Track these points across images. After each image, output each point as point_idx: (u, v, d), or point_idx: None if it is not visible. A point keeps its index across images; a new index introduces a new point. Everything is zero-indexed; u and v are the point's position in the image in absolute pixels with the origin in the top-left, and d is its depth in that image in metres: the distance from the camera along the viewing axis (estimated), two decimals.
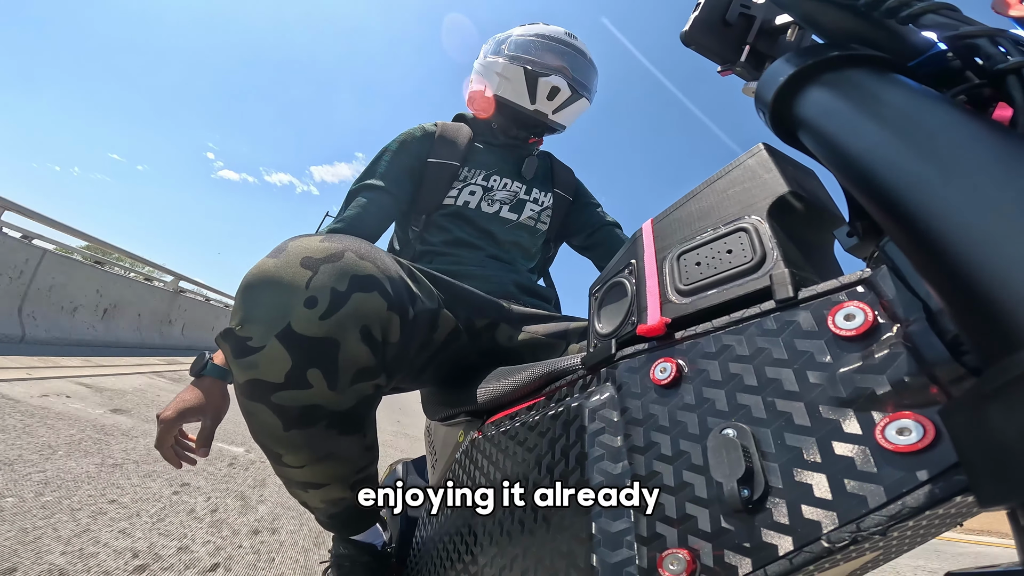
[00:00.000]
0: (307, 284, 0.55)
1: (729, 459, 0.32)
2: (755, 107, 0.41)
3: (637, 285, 0.49)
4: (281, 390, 0.57)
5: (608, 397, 0.45)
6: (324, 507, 0.78)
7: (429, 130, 1.20)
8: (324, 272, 0.56)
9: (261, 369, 0.55)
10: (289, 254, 0.57)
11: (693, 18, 0.50)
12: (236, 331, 0.56)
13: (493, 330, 0.92)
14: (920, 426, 0.26)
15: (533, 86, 1.16)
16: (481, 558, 0.55)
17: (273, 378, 0.56)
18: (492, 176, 1.18)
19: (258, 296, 0.55)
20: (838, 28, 0.38)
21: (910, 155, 0.26)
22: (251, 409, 0.60)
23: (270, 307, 0.55)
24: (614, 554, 0.37)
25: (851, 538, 0.26)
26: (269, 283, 0.55)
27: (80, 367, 3.92)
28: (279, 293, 0.55)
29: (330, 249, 0.58)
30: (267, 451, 0.66)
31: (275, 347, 0.54)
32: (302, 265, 0.56)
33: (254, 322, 0.55)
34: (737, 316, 0.39)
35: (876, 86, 0.32)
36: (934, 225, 0.24)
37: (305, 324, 0.54)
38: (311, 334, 0.55)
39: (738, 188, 0.46)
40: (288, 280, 0.55)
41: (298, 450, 0.64)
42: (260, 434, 0.63)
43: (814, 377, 0.32)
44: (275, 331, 0.54)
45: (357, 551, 0.88)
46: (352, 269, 0.57)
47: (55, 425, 2.12)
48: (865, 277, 0.33)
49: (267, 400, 0.58)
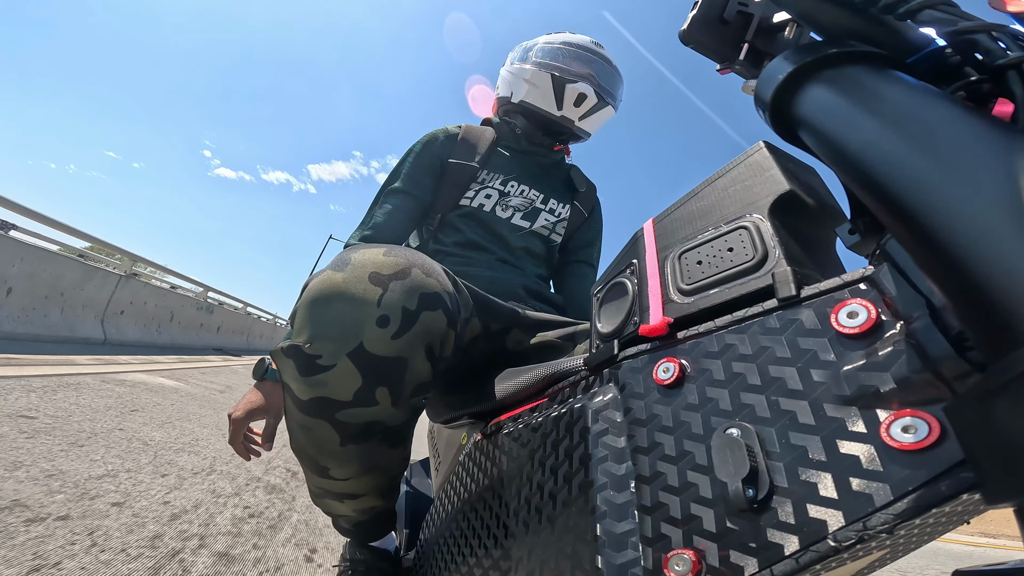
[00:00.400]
0: (379, 302, 0.54)
1: (733, 459, 0.32)
2: (754, 105, 0.41)
3: (639, 285, 0.49)
4: (348, 408, 0.56)
5: (611, 398, 0.45)
6: (354, 516, 0.78)
7: (452, 132, 1.22)
8: (394, 290, 0.55)
9: (330, 388, 0.54)
10: (356, 268, 0.56)
11: (691, 17, 0.50)
12: (304, 348, 0.54)
13: (504, 335, 0.92)
14: (925, 424, 0.26)
15: (560, 92, 1.16)
16: (486, 560, 0.55)
17: (342, 396, 0.55)
18: (510, 182, 1.19)
19: (328, 312, 0.54)
20: (836, 25, 0.38)
21: (910, 151, 0.26)
22: (309, 424, 0.59)
23: (342, 325, 0.53)
24: (619, 555, 0.37)
25: (858, 537, 0.26)
26: (339, 299, 0.54)
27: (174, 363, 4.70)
28: (350, 310, 0.53)
29: (397, 264, 0.57)
30: (311, 464, 0.65)
31: (347, 366, 0.53)
32: (371, 281, 0.55)
33: (324, 340, 0.53)
34: (739, 315, 0.38)
35: (875, 83, 0.32)
36: (936, 221, 0.23)
37: (377, 344, 0.53)
38: (382, 353, 0.54)
39: (739, 186, 0.46)
40: (359, 297, 0.54)
41: (349, 464, 0.64)
42: (311, 448, 0.63)
43: (818, 375, 0.32)
44: (347, 350, 0.53)
45: (374, 556, 0.88)
46: (420, 287, 0.57)
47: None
48: (867, 274, 0.33)
49: (331, 417, 0.57)
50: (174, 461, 1.98)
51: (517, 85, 1.23)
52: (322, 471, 0.66)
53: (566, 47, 1.21)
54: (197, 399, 3.51)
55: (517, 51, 1.29)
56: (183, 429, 2.54)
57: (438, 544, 0.72)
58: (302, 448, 0.64)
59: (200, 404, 3.35)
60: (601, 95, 1.19)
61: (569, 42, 1.22)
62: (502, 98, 1.29)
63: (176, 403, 3.14)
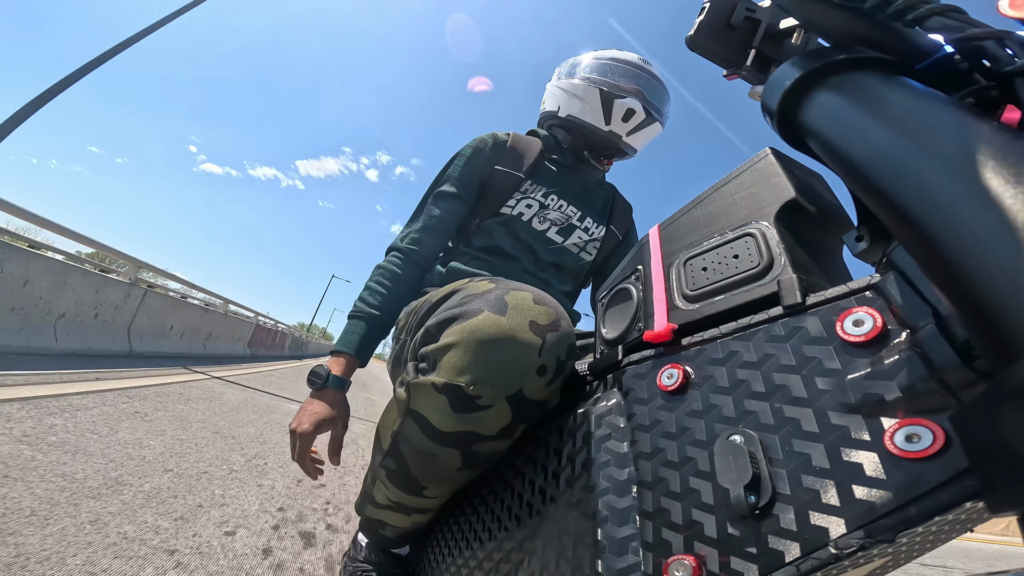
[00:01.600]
0: (540, 351, 0.55)
1: (736, 465, 0.32)
2: (761, 111, 0.41)
3: (644, 291, 0.49)
4: (486, 441, 0.57)
5: (615, 403, 0.45)
6: (407, 528, 0.77)
7: (501, 139, 1.22)
8: (551, 341, 0.56)
9: (480, 425, 0.56)
10: (516, 313, 0.57)
11: (698, 22, 0.50)
12: (467, 389, 0.54)
13: None
14: (930, 432, 0.25)
15: (608, 107, 1.16)
16: (486, 562, 0.55)
17: (487, 432, 0.56)
18: (551, 195, 1.19)
19: (495, 356, 0.55)
20: (844, 31, 0.37)
21: (918, 158, 0.26)
22: (435, 452, 0.59)
23: (507, 371, 0.54)
24: (620, 560, 0.37)
25: (859, 544, 0.26)
26: (506, 344, 0.55)
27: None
28: (515, 357, 0.55)
29: (550, 316, 0.58)
30: (407, 485, 0.66)
31: (503, 408, 0.55)
32: (532, 330, 0.56)
33: (487, 384, 0.54)
34: (745, 322, 0.38)
35: (883, 89, 0.31)
36: (943, 229, 0.23)
37: (534, 390, 0.55)
38: (536, 398, 0.55)
39: (745, 193, 0.46)
40: (524, 344, 0.55)
41: (449, 485, 0.65)
42: (420, 471, 0.63)
43: (822, 383, 0.31)
44: (507, 394, 0.54)
45: (390, 561, 0.87)
46: (568, 339, 0.58)
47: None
48: (874, 282, 0.32)
49: (466, 447, 0.58)
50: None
51: (565, 100, 1.23)
52: (417, 490, 0.66)
53: (614, 63, 1.21)
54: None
55: (564, 67, 1.30)
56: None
57: (439, 544, 0.72)
58: (405, 471, 0.64)
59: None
60: (649, 111, 1.18)
61: (617, 58, 1.22)
62: (548, 112, 1.29)
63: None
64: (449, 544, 0.68)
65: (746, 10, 0.49)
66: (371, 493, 0.74)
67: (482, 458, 0.60)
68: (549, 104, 1.29)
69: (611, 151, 1.25)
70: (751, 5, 0.49)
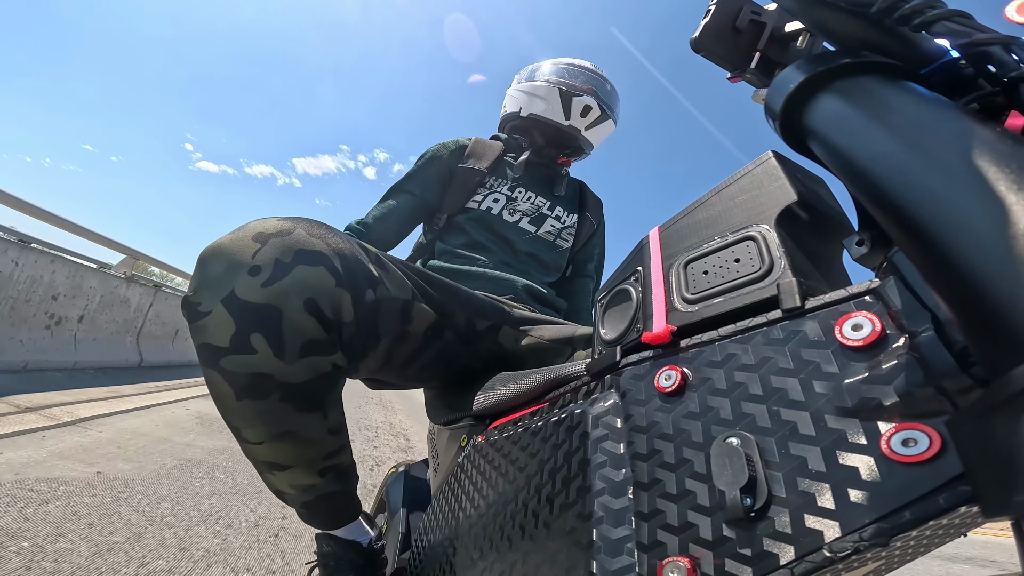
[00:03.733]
0: (253, 255, 0.58)
1: (732, 467, 0.32)
2: (764, 114, 0.41)
3: (643, 292, 0.49)
4: (228, 354, 0.59)
5: (612, 404, 0.45)
6: (294, 493, 0.77)
7: (463, 143, 1.32)
8: (271, 245, 0.59)
9: (208, 333, 0.58)
10: (245, 230, 0.61)
11: (703, 24, 0.50)
12: (189, 298, 0.59)
13: (496, 332, 0.92)
14: (926, 437, 0.25)
15: (568, 104, 1.29)
16: (480, 563, 0.55)
17: (219, 342, 0.58)
18: (518, 188, 1.26)
19: (209, 266, 0.59)
20: (849, 35, 0.37)
21: (920, 164, 0.26)
22: (208, 377, 0.62)
23: (218, 275, 0.58)
24: (614, 561, 0.37)
25: (853, 548, 0.26)
26: (221, 254, 0.59)
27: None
28: (228, 263, 0.58)
29: (282, 227, 0.62)
30: (229, 426, 0.68)
31: (220, 311, 0.57)
32: (253, 239, 0.60)
33: (203, 289, 0.58)
34: (743, 325, 0.38)
35: (887, 94, 0.31)
36: (944, 235, 0.23)
37: (247, 290, 0.57)
38: (252, 300, 0.57)
39: (746, 196, 0.46)
40: (237, 251, 0.59)
41: (252, 423, 0.65)
42: (218, 405, 0.65)
43: (820, 387, 0.31)
44: (220, 296, 0.57)
45: (341, 548, 0.86)
46: (299, 244, 0.61)
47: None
48: (873, 287, 0.32)
49: (216, 365, 0.60)
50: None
51: (526, 100, 1.35)
52: (237, 432, 0.68)
53: (571, 67, 1.36)
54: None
55: (523, 73, 1.43)
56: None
57: (435, 545, 0.72)
58: (217, 408, 0.66)
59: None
60: (603, 108, 1.32)
61: (573, 63, 1.37)
62: (510, 114, 1.41)
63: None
64: (443, 543, 0.68)
65: (752, 13, 0.49)
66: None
67: (245, 381, 0.60)
68: (510, 107, 1.41)
69: (570, 147, 1.38)
70: (757, 8, 0.50)
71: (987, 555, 4.62)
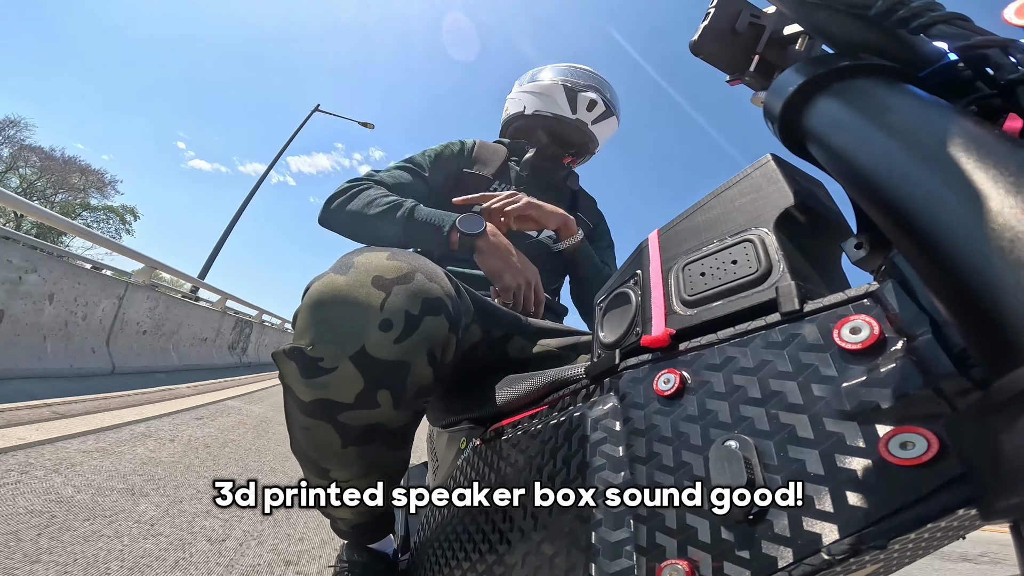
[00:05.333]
0: (381, 306, 0.54)
1: (731, 470, 0.32)
2: (763, 117, 0.41)
3: (642, 295, 0.49)
4: (349, 410, 0.56)
5: (611, 407, 0.45)
6: (352, 518, 0.78)
7: (468, 145, 1.30)
8: (397, 294, 0.55)
9: (331, 390, 0.54)
10: (359, 271, 0.56)
11: (702, 27, 0.50)
12: (307, 351, 0.54)
13: (506, 342, 0.92)
14: (924, 440, 0.25)
15: (573, 99, 1.30)
16: (479, 565, 0.54)
17: (343, 399, 0.55)
18: (520, 192, 1.23)
19: (330, 316, 0.54)
20: (848, 38, 0.37)
21: (919, 167, 0.26)
22: (310, 426, 0.59)
23: (344, 328, 0.53)
24: (613, 563, 0.37)
25: (851, 550, 0.26)
26: (341, 302, 0.54)
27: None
28: (353, 314, 0.53)
29: (401, 269, 0.57)
30: (312, 466, 0.65)
31: (348, 369, 0.53)
32: (374, 285, 0.55)
33: (326, 343, 0.53)
34: (742, 328, 0.38)
35: (886, 96, 0.31)
36: (942, 238, 0.23)
37: (379, 347, 0.53)
38: (384, 357, 0.54)
39: (745, 199, 0.46)
40: (362, 301, 0.54)
41: (350, 466, 0.64)
42: (312, 450, 0.62)
43: (818, 390, 0.31)
44: (349, 353, 0.53)
45: (371, 559, 0.87)
46: (423, 292, 0.57)
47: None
48: (872, 290, 0.32)
49: (332, 419, 0.57)
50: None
51: (530, 100, 1.35)
52: (322, 473, 0.65)
53: (572, 68, 1.38)
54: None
55: (525, 76, 1.44)
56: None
57: (433, 548, 0.72)
58: (302, 450, 0.64)
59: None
60: (608, 104, 1.33)
61: (573, 65, 1.39)
62: (513, 115, 1.41)
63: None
64: (443, 546, 0.68)
65: (751, 16, 0.49)
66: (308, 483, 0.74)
67: (359, 432, 0.58)
68: (513, 109, 1.42)
69: (576, 144, 1.37)
70: (756, 11, 0.50)
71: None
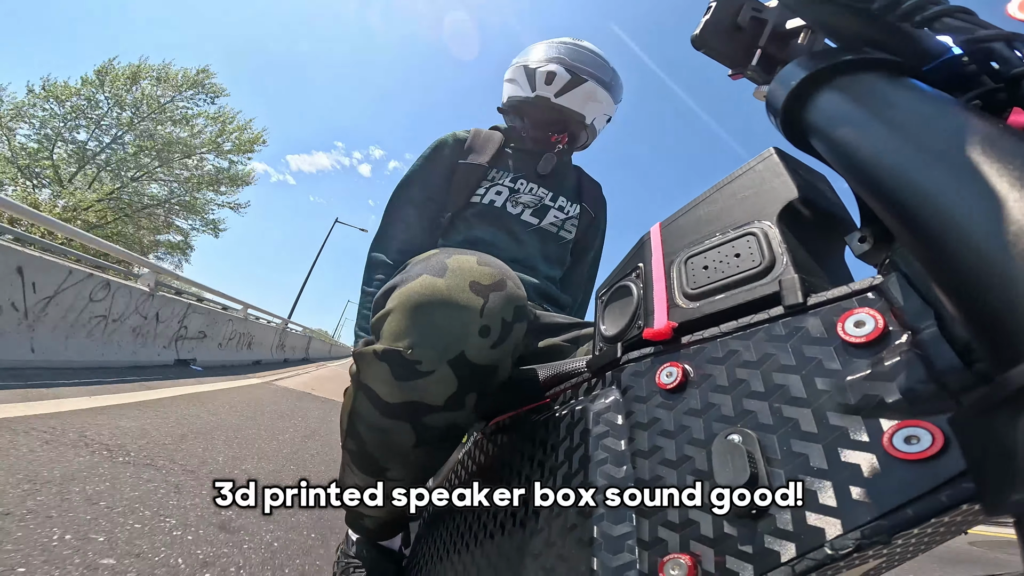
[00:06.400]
0: (481, 312, 0.54)
1: (734, 464, 0.32)
2: (766, 111, 0.41)
3: (644, 289, 0.49)
4: (436, 412, 0.56)
5: (613, 401, 0.45)
6: (383, 516, 0.77)
7: (461, 136, 1.28)
8: (495, 301, 0.55)
9: (425, 392, 0.54)
10: (456, 275, 0.56)
11: (704, 21, 0.50)
12: (405, 354, 0.53)
13: None
14: (929, 434, 0.25)
15: (532, 76, 1.25)
16: (481, 558, 0.55)
17: (434, 402, 0.55)
18: (519, 179, 1.23)
19: (432, 319, 0.53)
20: (851, 32, 0.37)
21: (922, 160, 0.26)
22: (386, 427, 0.58)
23: (446, 333, 0.53)
24: (615, 558, 0.37)
25: (855, 545, 0.26)
26: (443, 306, 0.54)
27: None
28: (454, 318, 0.53)
29: (494, 276, 0.57)
30: (369, 466, 0.65)
31: (445, 372, 0.53)
32: (472, 290, 0.55)
33: (426, 347, 0.52)
34: (745, 321, 0.38)
35: (889, 90, 0.31)
36: (945, 232, 0.23)
37: (478, 353, 0.53)
38: (481, 362, 0.54)
39: (748, 193, 0.46)
40: (463, 305, 0.54)
41: (410, 466, 0.63)
42: (378, 449, 0.62)
43: (822, 384, 0.31)
44: (448, 357, 0.53)
45: (380, 554, 0.87)
46: (515, 299, 0.57)
47: None
48: (876, 284, 0.32)
49: (416, 420, 0.57)
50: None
51: (505, 88, 1.34)
52: (379, 472, 0.65)
53: (539, 45, 1.33)
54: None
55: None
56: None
57: (435, 541, 0.72)
58: (364, 450, 0.63)
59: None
60: (573, 72, 1.24)
61: (545, 41, 1.33)
62: (499, 106, 1.39)
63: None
64: (444, 540, 0.68)
65: (753, 10, 0.49)
66: (344, 481, 0.73)
67: (437, 433, 0.58)
68: (502, 99, 1.39)
69: (554, 123, 1.30)
70: (758, 5, 0.49)
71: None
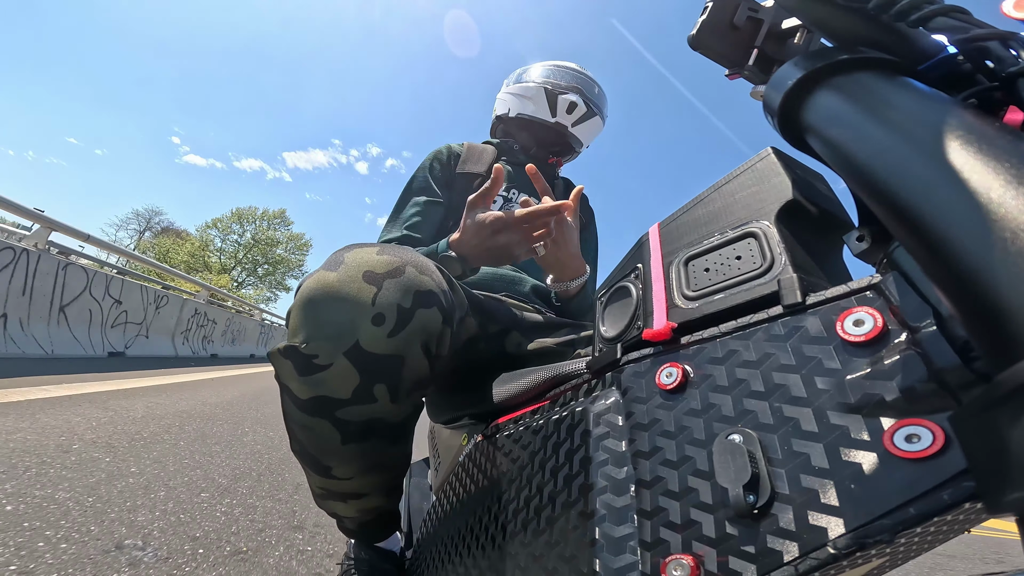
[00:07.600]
0: (373, 301, 0.54)
1: (735, 464, 0.32)
2: (763, 111, 0.41)
3: (643, 289, 0.49)
4: (347, 406, 0.56)
5: (613, 402, 0.45)
6: (358, 516, 0.78)
7: (456, 150, 1.31)
8: (388, 288, 0.55)
9: (328, 386, 0.55)
10: (349, 267, 0.56)
11: (700, 22, 0.50)
12: (301, 349, 0.54)
13: (503, 337, 0.92)
14: (929, 432, 0.25)
15: (553, 102, 1.30)
16: (483, 561, 0.55)
17: (340, 395, 0.55)
18: (512, 189, 1.26)
19: (322, 313, 0.54)
20: (847, 31, 0.37)
21: (919, 159, 0.26)
22: (309, 424, 0.59)
23: (336, 325, 0.53)
24: (617, 559, 0.37)
25: (857, 544, 0.26)
26: (333, 299, 0.54)
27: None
28: (345, 310, 0.53)
29: (391, 263, 0.57)
30: (313, 464, 0.66)
31: (342, 364, 0.53)
32: (365, 280, 0.55)
33: (320, 340, 0.53)
34: (744, 321, 0.38)
35: (885, 89, 0.31)
36: (944, 230, 0.23)
37: (372, 342, 0.54)
38: (379, 351, 0.54)
39: (746, 192, 0.46)
40: (353, 296, 0.54)
41: (351, 462, 0.64)
42: (312, 447, 0.63)
43: (822, 383, 0.31)
44: (343, 349, 0.53)
45: (378, 556, 0.87)
46: (415, 285, 0.57)
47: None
48: (874, 282, 0.32)
49: (331, 416, 0.57)
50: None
51: (515, 102, 1.37)
52: (324, 471, 0.66)
53: (556, 68, 1.38)
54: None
55: (512, 76, 1.45)
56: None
57: (436, 544, 0.72)
58: (304, 448, 0.64)
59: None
60: (589, 105, 1.33)
61: (558, 64, 1.39)
62: (499, 116, 1.43)
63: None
64: (445, 542, 0.68)
65: (749, 10, 0.49)
66: (309, 482, 0.74)
67: (359, 427, 0.59)
68: (500, 109, 1.43)
69: (559, 145, 1.38)
70: (754, 5, 0.49)
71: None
